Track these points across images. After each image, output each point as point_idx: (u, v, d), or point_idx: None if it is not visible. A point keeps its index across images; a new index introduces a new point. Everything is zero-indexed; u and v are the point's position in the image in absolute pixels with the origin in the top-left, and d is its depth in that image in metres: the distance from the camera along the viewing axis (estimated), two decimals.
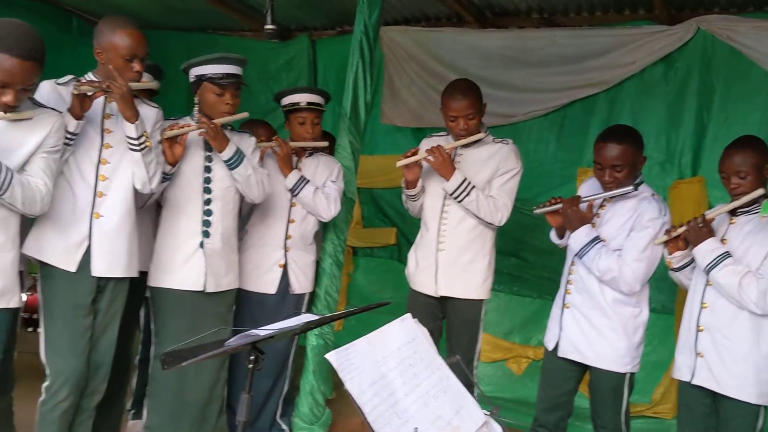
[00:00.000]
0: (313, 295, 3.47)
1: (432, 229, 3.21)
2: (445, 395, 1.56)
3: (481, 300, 3.19)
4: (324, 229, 3.49)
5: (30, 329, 4.07)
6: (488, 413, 1.68)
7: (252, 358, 1.80)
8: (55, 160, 2.32)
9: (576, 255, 2.84)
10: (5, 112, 2.13)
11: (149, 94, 3.25)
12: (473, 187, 3.07)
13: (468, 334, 3.20)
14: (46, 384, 2.54)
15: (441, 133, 3.29)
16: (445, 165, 3.06)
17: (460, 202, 3.09)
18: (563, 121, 4.49)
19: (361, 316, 2.06)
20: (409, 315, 1.66)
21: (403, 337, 1.57)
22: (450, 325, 3.24)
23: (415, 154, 3.13)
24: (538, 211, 3.02)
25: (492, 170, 3.14)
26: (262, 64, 5.10)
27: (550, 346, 2.93)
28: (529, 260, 4.60)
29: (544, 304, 3.64)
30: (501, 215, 3.12)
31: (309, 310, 3.42)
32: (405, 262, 3.41)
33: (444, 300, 3.19)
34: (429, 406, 1.48)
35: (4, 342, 2.30)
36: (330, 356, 1.36)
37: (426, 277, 3.20)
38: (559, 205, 2.91)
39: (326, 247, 3.49)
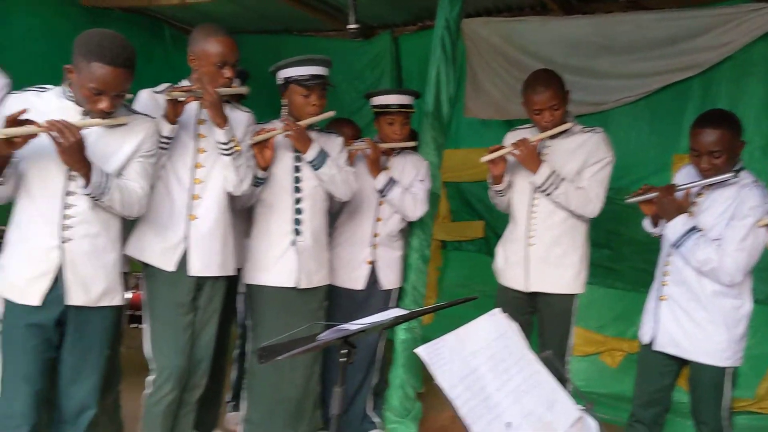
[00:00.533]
0: (401, 290, 3.50)
1: (521, 224, 3.17)
2: (537, 390, 1.55)
3: (574, 294, 3.13)
4: (410, 224, 3.51)
5: (134, 326, 4.28)
6: (582, 408, 1.65)
7: (344, 351, 1.84)
8: (150, 164, 2.43)
9: (672, 245, 2.74)
10: (102, 119, 2.24)
11: (239, 98, 3.36)
12: (562, 179, 3.01)
13: (560, 329, 3.14)
14: (151, 378, 2.68)
15: (526, 126, 3.24)
16: (532, 158, 3.01)
17: (548, 195, 3.04)
18: (655, 107, 4.32)
19: (451, 309, 2.06)
20: (498, 310, 1.65)
21: (493, 332, 1.57)
22: (541, 319, 3.19)
23: (499, 149, 3.10)
24: (630, 200, 2.93)
25: (582, 161, 3.07)
26: (346, 63, 5.16)
27: (646, 340, 2.84)
28: (622, 251, 4.47)
29: (638, 296, 3.52)
30: (593, 207, 3.04)
31: (397, 306, 3.45)
32: (493, 255, 3.38)
33: (535, 295, 3.15)
34: (521, 401, 1.47)
35: (110, 338, 2.44)
36: (420, 351, 1.38)
37: (516, 273, 3.17)
38: (654, 194, 2.81)
39: (412, 242, 3.51)
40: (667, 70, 4.16)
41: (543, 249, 3.11)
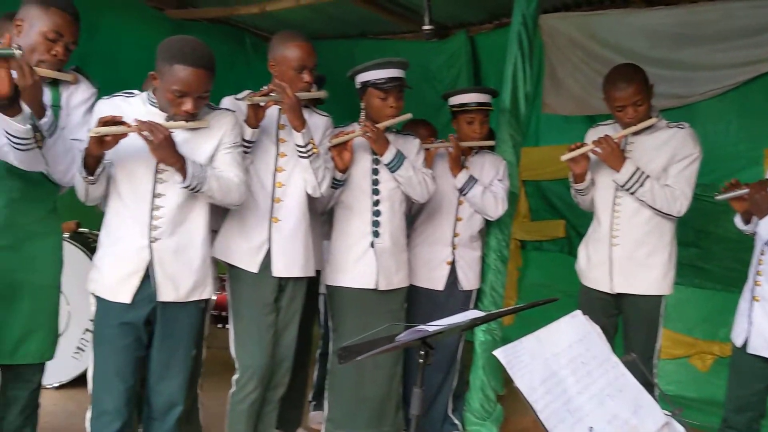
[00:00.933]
0: (479, 291, 3.47)
1: (604, 223, 3.09)
2: (622, 394, 1.51)
3: (662, 295, 3.03)
4: (487, 224, 3.48)
5: (220, 326, 4.42)
6: (670, 413, 1.60)
7: (422, 353, 1.85)
8: (239, 153, 2.50)
9: (767, 243, 2.60)
10: (186, 121, 2.32)
11: (317, 103, 3.42)
12: (647, 176, 2.92)
13: (647, 331, 3.04)
14: (235, 377, 2.75)
15: (608, 122, 3.16)
16: (614, 155, 2.93)
17: (633, 193, 2.95)
18: (745, 99, 4.12)
19: (532, 310, 2.04)
20: (579, 312, 1.62)
21: (574, 335, 1.54)
22: (627, 321, 3.10)
23: (580, 146, 3.03)
24: (720, 197, 2.82)
25: (667, 157, 2.96)
26: (423, 64, 5.16)
27: (739, 342, 2.72)
28: (712, 250, 4.29)
29: (729, 296, 3.37)
30: (680, 205, 2.93)
31: (476, 307, 3.43)
32: (575, 255, 3.30)
33: (620, 296, 3.06)
34: (604, 404, 1.44)
35: (197, 336, 2.53)
36: (498, 353, 1.37)
37: (599, 273, 3.09)
38: (745, 190, 2.69)
39: (490, 242, 3.48)
40: (757, 60, 3.97)
41: (627, 249, 3.02)
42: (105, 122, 2.16)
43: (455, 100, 3.34)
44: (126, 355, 2.34)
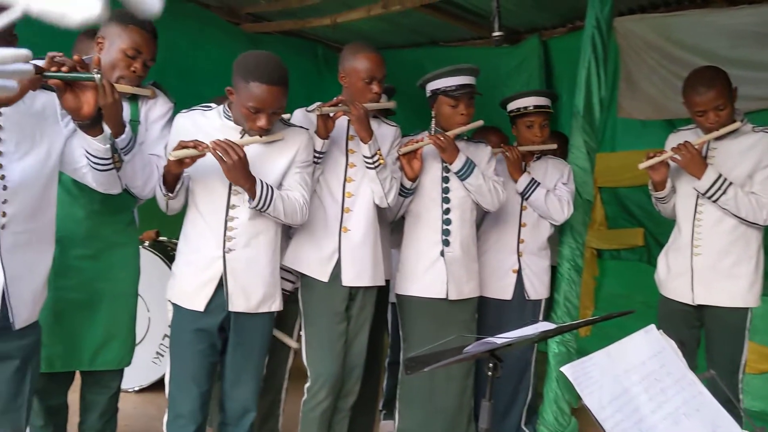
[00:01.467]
0: (549, 301, 3.39)
1: (685, 232, 2.97)
2: (699, 413, 1.44)
3: (748, 308, 2.88)
4: (560, 233, 3.40)
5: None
6: None
7: (491, 365, 1.82)
8: (308, 173, 2.53)
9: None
10: (260, 136, 2.37)
11: (387, 113, 3.43)
12: (730, 183, 2.78)
13: (731, 344, 2.89)
14: (307, 385, 2.78)
15: (690, 126, 3.03)
16: (695, 162, 2.81)
17: (715, 201, 2.82)
18: None
19: (610, 320, 1.97)
20: (653, 326, 1.55)
21: (648, 350, 1.48)
22: (710, 334, 2.96)
23: (659, 153, 2.92)
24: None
25: (753, 163, 2.82)
26: (493, 70, 5.10)
27: None
28: None
29: None
30: (766, 213, 2.78)
31: (546, 317, 3.35)
32: (655, 264, 3.19)
33: (702, 308, 2.93)
34: (680, 424, 1.37)
35: (268, 343, 2.57)
36: (566, 370, 1.32)
37: (680, 284, 2.97)
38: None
39: (563, 251, 3.39)
40: None
41: (710, 259, 2.89)
42: (184, 145, 2.24)
43: (513, 104, 3.30)
44: (201, 360, 2.40)
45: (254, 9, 5.13)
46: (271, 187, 2.37)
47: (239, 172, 2.26)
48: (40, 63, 1.75)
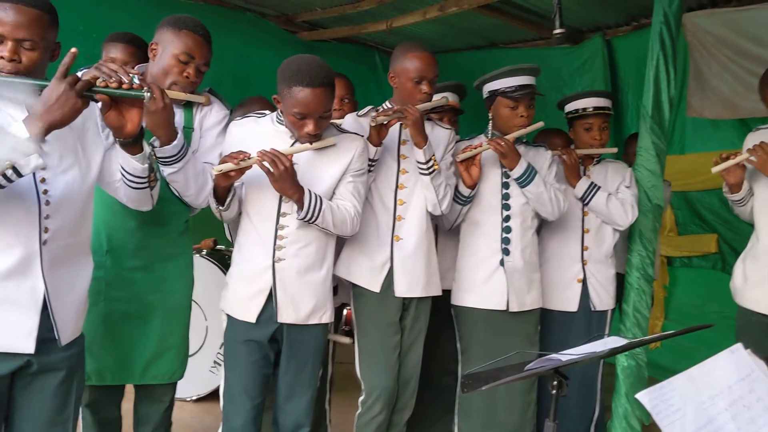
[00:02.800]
0: (615, 312, 3.22)
1: (763, 238, 2.77)
2: None
3: None
4: (629, 239, 3.22)
5: (351, 341, 4.42)
6: None
7: (555, 383, 1.70)
8: (362, 182, 2.46)
9: None
10: (310, 143, 2.30)
11: (450, 114, 3.33)
12: None
13: None
14: (361, 398, 2.70)
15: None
16: None
17: None
18: None
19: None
20: (740, 345, 1.40)
21: (735, 373, 1.32)
22: None
23: (732, 155, 2.74)
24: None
25: None
26: (554, 70, 4.96)
27: None
28: None
29: None
30: None
31: (613, 329, 3.18)
32: (729, 272, 3.00)
33: None
34: None
35: (322, 355, 2.49)
36: (642, 397, 1.19)
37: (759, 294, 2.76)
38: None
39: (632, 259, 3.21)
40: None
41: None
42: (230, 156, 2.20)
43: (570, 106, 3.15)
44: (254, 372, 2.35)
45: (310, 16, 5.12)
46: (320, 198, 2.31)
47: (286, 182, 2.21)
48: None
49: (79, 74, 1.68)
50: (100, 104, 1.76)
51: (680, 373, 1.26)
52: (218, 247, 4.34)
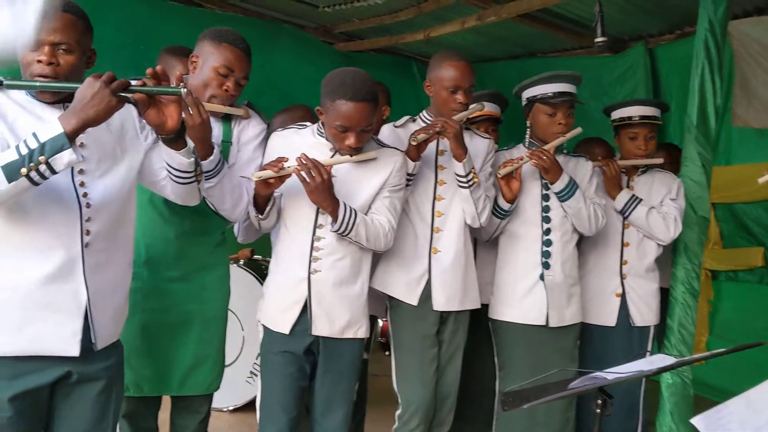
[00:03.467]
0: (658, 328, 3.12)
1: None
2: None
3: None
4: (673, 253, 3.13)
5: (387, 353, 4.39)
6: None
7: (599, 402, 1.65)
8: (399, 198, 2.43)
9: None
10: (350, 155, 2.29)
11: (489, 124, 3.28)
12: None
13: None
14: (398, 412, 2.66)
15: None
16: None
17: None
18: None
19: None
20: None
21: None
22: None
23: None
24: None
25: None
26: (595, 79, 4.87)
27: None
28: None
29: None
30: None
31: (656, 344, 3.09)
32: None
33: None
34: None
35: (359, 369, 2.46)
36: (697, 422, 1.14)
37: None
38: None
39: (677, 273, 3.11)
40: None
41: None
42: (270, 164, 2.21)
43: (617, 114, 3.08)
44: (289, 384, 2.33)
45: (348, 27, 5.13)
46: (355, 211, 2.29)
47: (322, 194, 2.20)
48: None
49: None
50: (136, 106, 1.77)
51: (737, 396, 1.20)
52: (255, 257, 4.35)
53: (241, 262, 4.06)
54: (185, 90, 1.74)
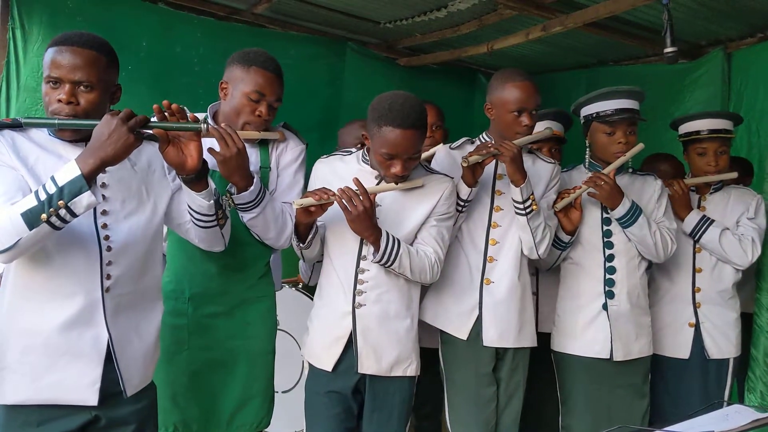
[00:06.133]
0: (739, 360, 2.87)
1: None
2: None
3: None
4: (756, 276, 2.88)
5: None
6: None
7: None
8: (447, 227, 2.32)
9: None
10: (396, 183, 2.19)
11: (552, 144, 3.12)
12: None
13: None
14: None
15: None
16: None
17: None
18: None
19: None
20: None
21: None
22: None
23: None
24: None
25: None
26: (669, 89, 4.60)
27: None
28: None
29: None
30: None
31: (736, 379, 2.84)
32: None
33: None
34: None
35: (409, 409, 2.33)
36: None
37: None
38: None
39: (761, 299, 2.87)
40: None
41: None
42: (313, 192, 2.14)
43: (684, 128, 2.87)
44: (336, 425, 2.24)
45: (410, 42, 5.05)
46: (398, 241, 2.18)
47: (363, 222, 2.10)
48: None
49: None
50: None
51: None
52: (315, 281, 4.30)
53: (300, 285, 4.01)
54: (205, 126, 1.69)
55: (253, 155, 2.25)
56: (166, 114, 1.72)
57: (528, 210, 2.42)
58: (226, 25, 4.37)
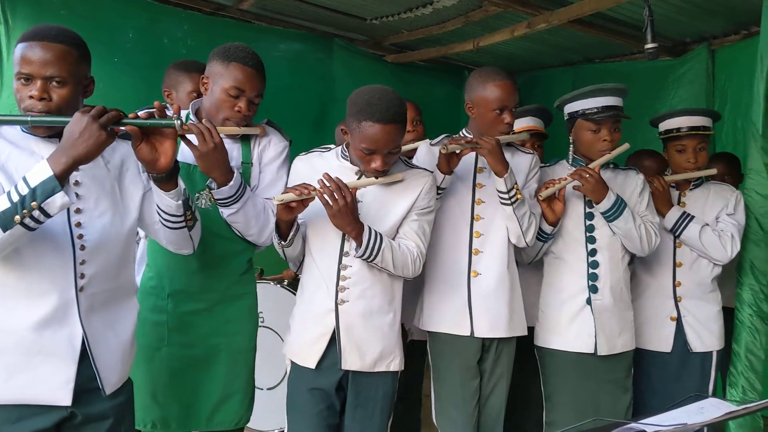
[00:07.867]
0: (722, 353, 2.88)
1: None
2: None
3: None
4: (738, 272, 2.90)
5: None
6: None
7: None
8: (429, 221, 2.31)
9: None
10: (376, 177, 2.18)
11: (534, 140, 3.13)
12: None
13: None
14: None
15: None
16: None
17: None
18: None
19: None
20: None
21: None
22: None
23: None
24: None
25: None
26: (654, 86, 4.63)
27: None
28: None
29: None
30: None
31: (720, 372, 2.86)
32: None
33: None
34: None
35: (392, 404, 2.32)
36: None
37: None
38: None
39: (743, 294, 2.88)
40: None
41: None
42: (293, 187, 2.11)
43: (663, 125, 2.88)
44: (318, 423, 2.22)
45: (397, 39, 5.06)
46: (380, 235, 2.17)
47: (345, 217, 2.08)
48: None
49: None
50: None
51: None
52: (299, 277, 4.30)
53: (285, 282, 4.00)
54: (179, 122, 1.67)
55: (235, 151, 2.23)
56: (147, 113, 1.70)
57: (513, 199, 2.42)
58: (214, 19, 4.37)
